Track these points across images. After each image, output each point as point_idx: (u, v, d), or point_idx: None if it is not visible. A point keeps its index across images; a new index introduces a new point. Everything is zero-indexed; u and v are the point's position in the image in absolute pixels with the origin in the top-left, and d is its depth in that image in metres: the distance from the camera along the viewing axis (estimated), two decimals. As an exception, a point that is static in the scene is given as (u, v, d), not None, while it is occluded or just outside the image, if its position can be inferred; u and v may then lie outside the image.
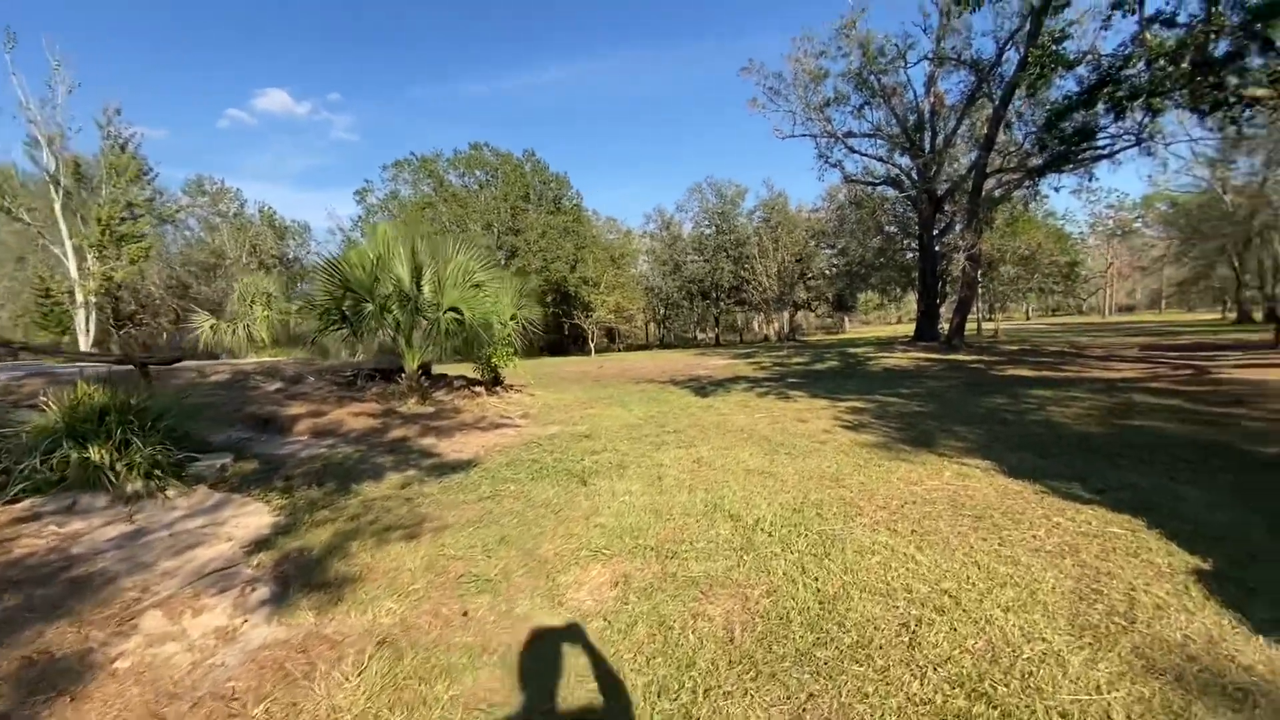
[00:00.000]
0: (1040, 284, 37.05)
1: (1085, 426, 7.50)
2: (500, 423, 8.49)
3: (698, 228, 51.48)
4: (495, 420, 8.62)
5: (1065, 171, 20.59)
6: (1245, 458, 5.54)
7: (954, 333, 22.23)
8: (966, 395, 10.89)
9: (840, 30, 24.19)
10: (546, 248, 36.24)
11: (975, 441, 6.84)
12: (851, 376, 15.57)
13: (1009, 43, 20.38)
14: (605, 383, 16.54)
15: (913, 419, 8.50)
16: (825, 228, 42.73)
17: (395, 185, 38.26)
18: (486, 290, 9.86)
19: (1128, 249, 69.18)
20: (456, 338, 9.02)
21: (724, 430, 7.97)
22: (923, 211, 24.62)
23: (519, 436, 7.69)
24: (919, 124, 25.05)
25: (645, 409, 10.28)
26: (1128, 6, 12.14)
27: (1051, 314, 77.48)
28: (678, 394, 12.63)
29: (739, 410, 9.86)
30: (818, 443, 7.03)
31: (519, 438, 7.62)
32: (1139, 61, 11.26)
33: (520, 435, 7.77)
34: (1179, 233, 41.70)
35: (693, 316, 64.18)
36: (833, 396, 11.29)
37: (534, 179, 40.74)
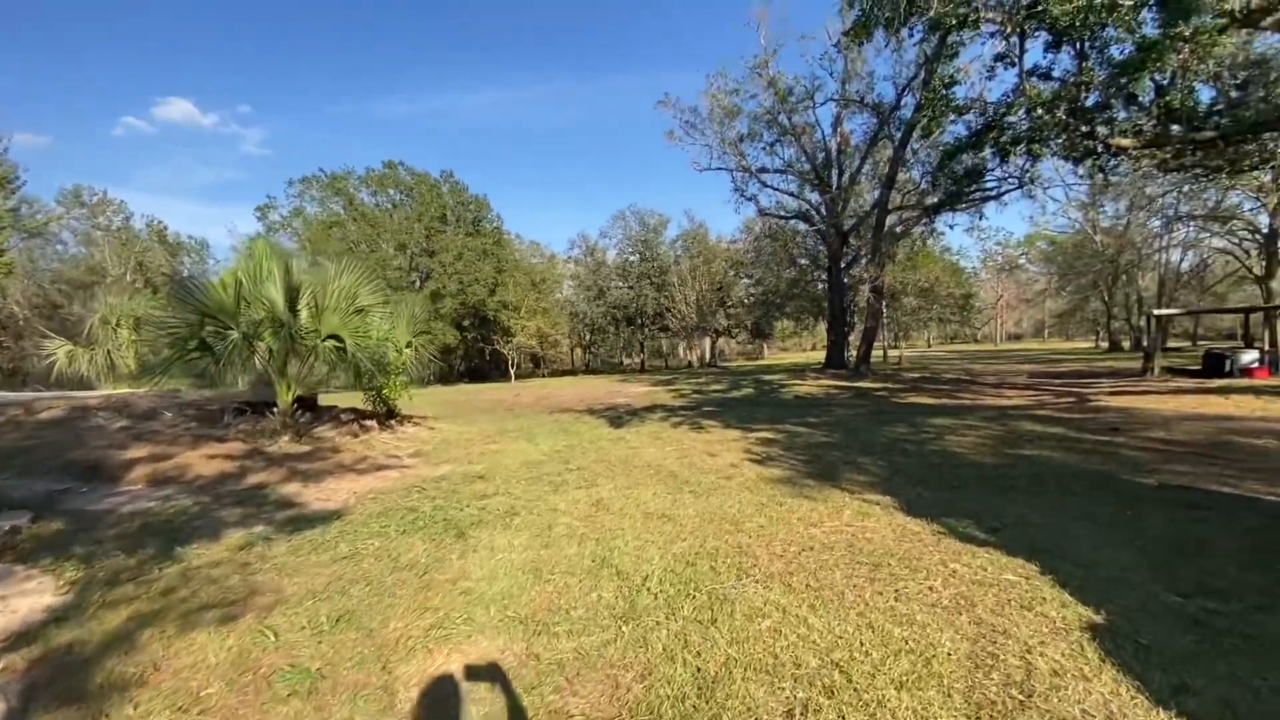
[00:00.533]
0: (939, 314, 39.56)
1: (980, 456, 7.67)
2: (385, 463, 7.70)
3: (622, 254, 51.75)
4: (380, 460, 7.82)
5: (958, 210, 22.09)
6: (1125, 489, 5.72)
7: (860, 360, 23.13)
8: (871, 424, 11.08)
9: (753, 70, 25.15)
10: (463, 270, 35.05)
11: (877, 474, 6.80)
12: (765, 404, 15.67)
13: (906, 89, 21.84)
14: (519, 412, 15.83)
15: (819, 450, 8.44)
16: (743, 258, 43.99)
17: (301, 202, 36.05)
18: (373, 316, 9.07)
19: (1015, 283, 75.82)
20: (337, 368, 8.18)
21: (631, 466, 7.57)
22: (831, 245, 25.69)
23: (402, 479, 6.96)
24: (827, 162, 26.28)
25: (553, 443, 9.74)
26: (1008, 59, 13.13)
27: (950, 342, 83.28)
28: (591, 425, 12.17)
29: (650, 443, 9.52)
30: (724, 478, 6.77)
31: (402, 481, 6.88)
32: (1020, 110, 12.15)
33: (404, 478, 7.03)
34: (1057, 269, 45.94)
35: (618, 342, 64.13)
36: (745, 426, 11.19)
37: (452, 200, 39.59)
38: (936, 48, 13.51)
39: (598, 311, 50.69)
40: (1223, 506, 5.01)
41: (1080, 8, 9.47)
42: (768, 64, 25.11)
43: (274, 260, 8.35)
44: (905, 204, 23.97)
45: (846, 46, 9.73)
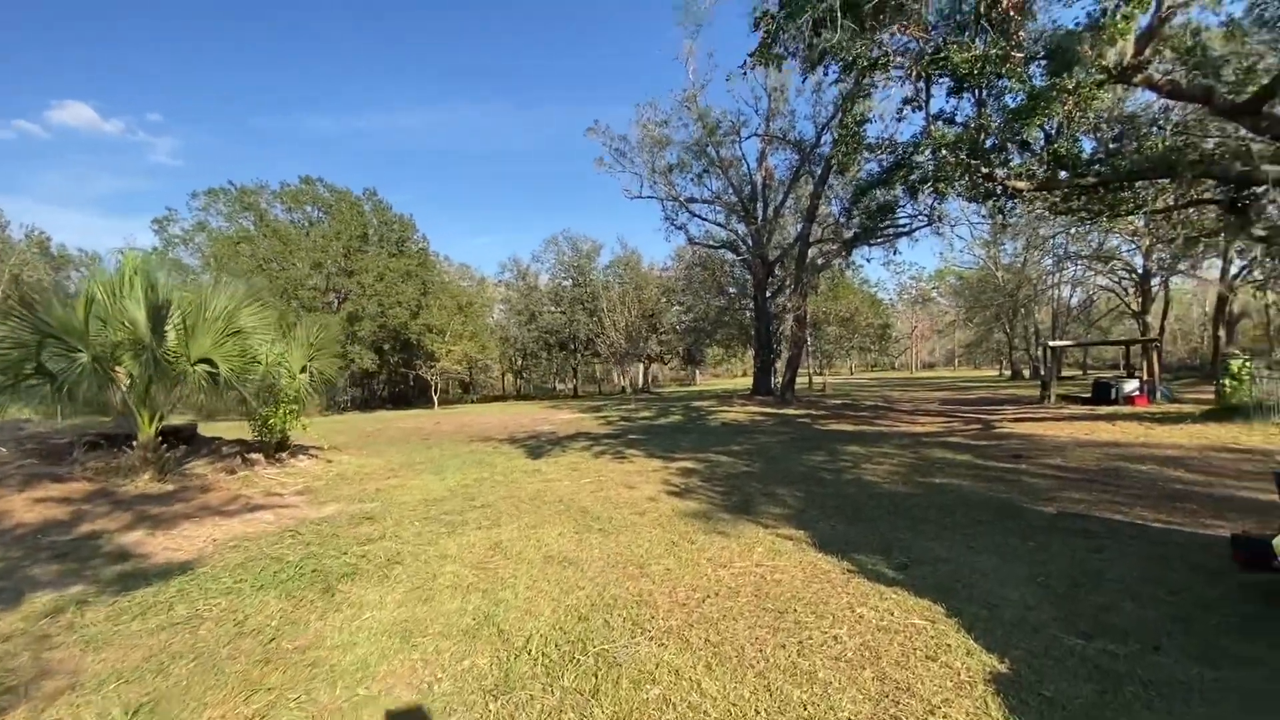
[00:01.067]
0: (859, 343, 41.27)
1: (894, 485, 7.69)
2: (262, 503, 6.88)
3: (555, 279, 51.26)
4: (256, 500, 6.99)
5: (873, 244, 23.12)
6: (1028, 517, 5.78)
7: (785, 387, 23.57)
8: (791, 451, 11.07)
9: (682, 102, 25.68)
10: (384, 292, 33.51)
11: (793, 506, 6.64)
12: (691, 431, 15.53)
13: (825, 128, 22.83)
14: (434, 442, 14.96)
15: (738, 480, 8.26)
16: (675, 285, 44.52)
17: (206, 216, 33.57)
18: (256, 338, 8.23)
19: (927, 314, 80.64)
20: (211, 394, 7.31)
21: (541, 502, 7.09)
22: (757, 274, 26.29)
23: (277, 522, 6.19)
24: (753, 194, 27.02)
25: (461, 476, 9.11)
26: (916, 103, 13.84)
27: (870, 369, 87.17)
28: (508, 455, 11.57)
29: (567, 475, 9.06)
30: (638, 514, 6.42)
31: (276, 524, 6.12)
32: (927, 150, 12.78)
33: (280, 520, 6.27)
34: (965, 302, 49.02)
35: (551, 367, 63.13)
36: (667, 455, 10.92)
37: (375, 219, 38.06)
38: (851, 89, 14.10)
39: (529, 336, 49.78)
40: (1116, 535, 5.11)
41: (977, 57, 10.08)
42: (695, 98, 25.73)
43: (140, 275, 7.43)
44: (826, 237, 24.91)
45: (752, 66, 9.89)
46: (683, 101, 25.72)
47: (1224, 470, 7.71)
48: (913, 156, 13.09)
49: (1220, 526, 5.27)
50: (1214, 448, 9.37)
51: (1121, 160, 12.88)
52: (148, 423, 7.15)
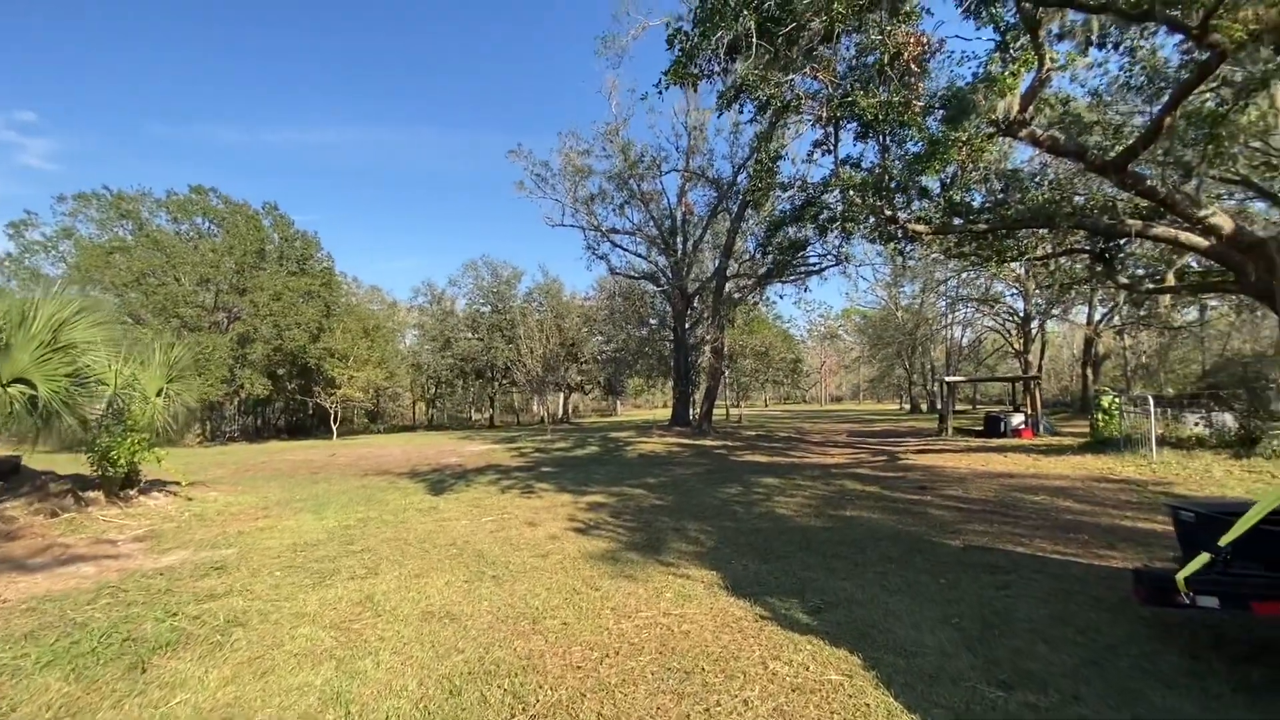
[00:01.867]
0: (773, 376, 42.44)
1: (806, 519, 7.54)
2: (84, 552, 5.73)
3: (472, 304, 49.67)
4: (78, 548, 5.82)
5: (786, 281, 23.91)
6: (937, 552, 5.72)
7: (703, 418, 23.62)
8: (705, 484, 10.83)
9: (605, 134, 25.82)
10: (281, 312, 31.01)
11: (704, 544, 6.30)
12: (607, 463, 15.04)
13: (742, 168, 23.59)
14: (323, 476, 13.61)
15: (649, 515, 7.85)
16: (596, 315, 44.28)
17: (75, 222, 29.91)
18: (92, 355, 7.04)
19: (835, 350, 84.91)
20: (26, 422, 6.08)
21: (432, 545, 6.36)
22: (676, 306, 26.50)
23: (98, 576, 5.13)
24: (673, 228, 27.40)
25: (344, 516, 8.15)
26: (825, 147, 14.45)
27: (784, 402, 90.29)
28: (404, 491, 10.60)
29: (467, 513, 8.32)
30: (539, 556, 5.85)
31: (96, 579, 5.07)
32: (835, 191, 13.30)
33: (102, 573, 5.20)
34: (868, 339, 51.85)
35: (467, 396, 60.70)
36: (579, 489, 10.38)
37: (276, 235, 35.50)
38: (765, 129, 14.54)
39: (443, 363, 47.73)
40: (1019, 568, 5.09)
41: (881, 103, 10.60)
42: (618, 131, 25.97)
43: None
44: (742, 272, 25.55)
45: (667, 86, 9.90)
46: (605, 134, 25.88)
47: (1106, 500, 8.13)
48: (822, 196, 13.59)
49: (1112, 557, 5.40)
50: (1094, 478, 9.98)
51: (1007, 209, 13.92)
52: (-64, 456, 5.85)
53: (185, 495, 8.92)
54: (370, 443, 27.50)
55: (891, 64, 11.00)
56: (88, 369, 7.11)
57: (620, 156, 25.04)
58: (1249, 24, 6.64)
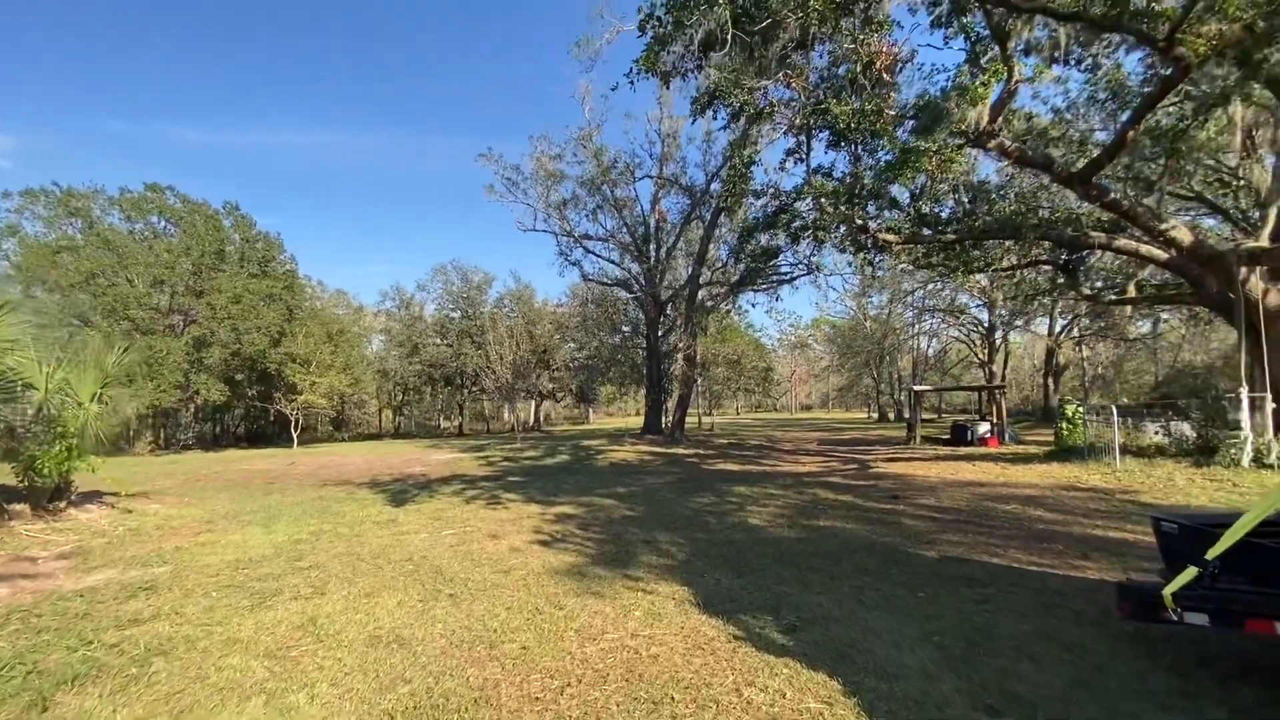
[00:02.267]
0: (744, 385, 42.52)
1: (779, 529, 7.36)
2: (3, 574, 5.21)
3: (442, 310, 48.77)
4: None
5: (758, 289, 24.01)
6: (913, 564, 5.58)
7: (675, 426, 23.45)
8: (677, 493, 10.61)
9: (578, 139, 25.64)
10: (240, 315, 29.89)
11: (675, 556, 6.06)
12: (577, 472, 14.71)
13: (715, 176, 23.62)
14: (278, 487, 13.00)
15: (619, 527, 7.58)
16: (569, 322, 43.89)
17: (20, 220, 28.41)
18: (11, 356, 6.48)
19: (805, 359, 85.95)
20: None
21: (386, 561, 5.99)
22: (649, 313, 26.36)
23: (10, 599, 4.64)
24: (646, 235, 27.30)
25: (295, 529, 7.69)
26: (797, 155, 14.47)
27: (754, 410, 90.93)
28: (362, 503, 10.13)
29: (427, 525, 7.93)
30: (501, 572, 5.53)
31: (8, 600, 4.57)
32: (808, 198, 13.30)
33: (15, 595, 4.71)
34: (837, 349, 52.50)
35: (435, 404, 59.45)
36: (547, 500, 10.05)
37: (237, 236, 34.33)
38: (739, 137, 14.50)
39: (411, 370, 46.69)
40: (997, 580, 4.97)
41: (854, 111, 10.62)
42: (591, 136, 25.82)
43: None
44: (715, 279, 25.55)
45: (639, 74, 9.75)
46: (578, 139, 25.71)
47: (1077, 509, 8.15)
48: (795, 204, 13.58)
49: (1088, 568, 5.33)
50: (1063, 486, 10.05)
51: (975, 220, 14.11)
52: None
53: (123, 508, 8.32)
54: (333, 451, 26.63)
55: (864, 73, 11.04)
56: (10, 371, 6.55)
57: (593, 162, 24.89)
58: (1211, 39, 6.77)
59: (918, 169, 9.78)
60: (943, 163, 11.26)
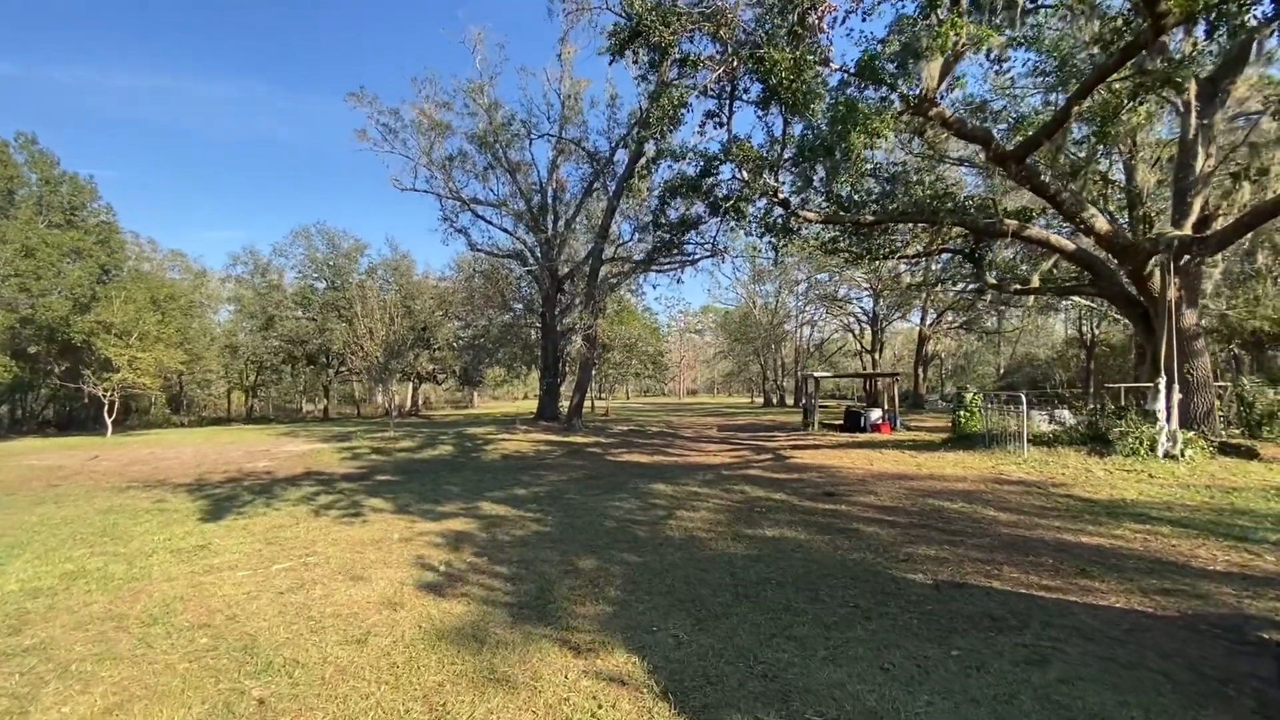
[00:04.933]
0: (636, 369, 41.52)
1: (723, 543, 6.04)
2: None
3: (303, 278, 43.07)
4: None
5: (662, 269, 22.82)
6: (909, 595, 4.44)
7: (573, 412, 21.80)
8: (590, 495, 9.05)
9: (468, 91, 22.86)
10: (31, 273, 23.99)
11: (608, 595, 4.52)
12: (463, 468, 12.66)
13: (620, 144, 21.97)
14: (60, 492, 9.84)
15: (528, 550, 5.89)
16: (452, 298, 40.45)
17: None
18: None
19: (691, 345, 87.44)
20: None
21: (166, 631, 3.90)
22: (545, 289, 24.33)
23: None
24: (543, 204, 25.12)
25: (41, 567, 5.21)
26: (718, 119, 13.25)
27: (644, 394, 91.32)
28: (170, 516, 7.58)
29: (255, 553, 5.76)
30: (354, 642, 3.70)
31: None
32: (731, 163, 12.12)
33: None
34: (729, 335, 53.23)
35: (297, 385, 52.98)
36: (429, 508, 8.07)
37: (35, 175, 27.66)
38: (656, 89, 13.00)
39: (266, 346, 40.87)
40: (1028, 622, 3.92)
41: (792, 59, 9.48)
42: (483, 89, 23.15)
43: None
44: (619, 255, 24.01)
45: (602, 53, 8.12)
46: (468, 90, 22.92)
47: (1025, 507, 7.58)
48: (719, 165, 12.34)
49: (1101, 591, 4.47)
50: (990, 479, 9.67)
51: (892, 203, 13.71)
52: None
53: None
54: (160, 440, 22.05)
55: (802, 21, 9.93)
56: None
57: (485, 116, 22.27)
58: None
59: (870, 130, 8.78)
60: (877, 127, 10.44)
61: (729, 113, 13.22)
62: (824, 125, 9.95)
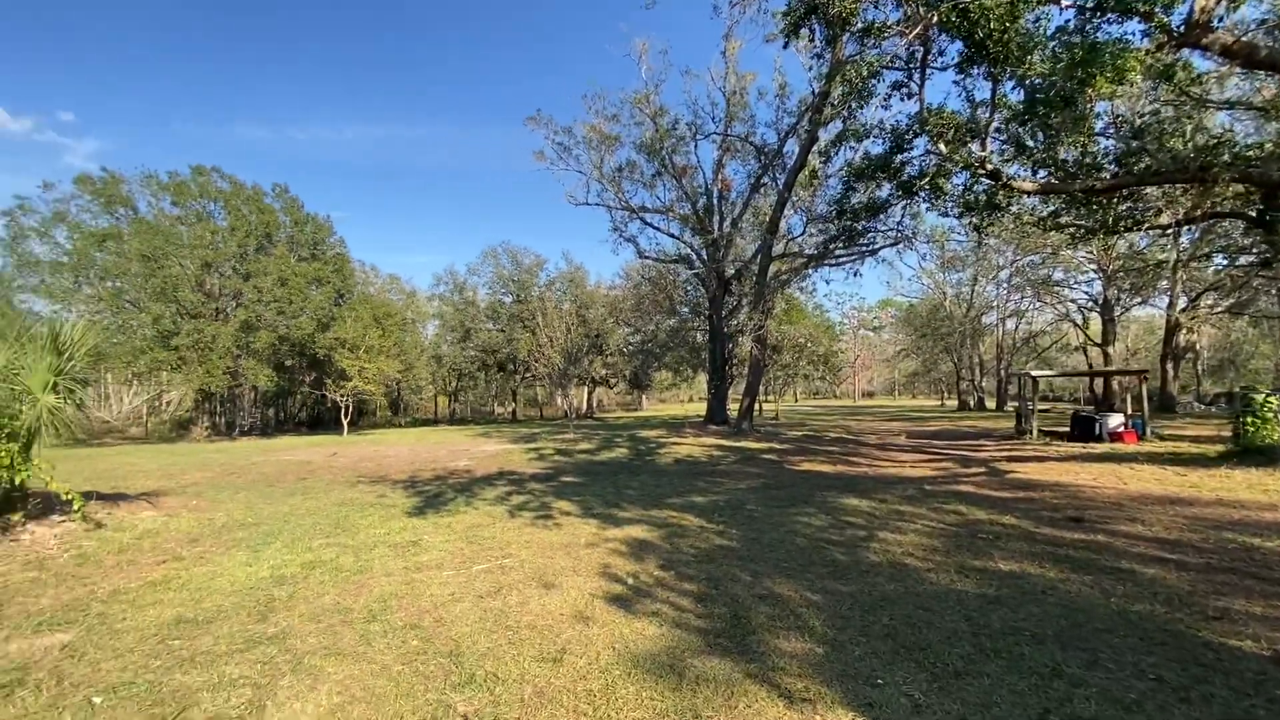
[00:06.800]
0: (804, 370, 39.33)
1: (946, 576, 5.06)
2: None
3: (493, 294, 47.71)
4: None
5: (839, 263, 21.22)
6: (1243, 672, 3.21)
7: (743, 416, 21.10)
8: (772, 506, 8.38)
9: (634, 101, 23.39)
10: (286, 298, 29.26)
11: (816, 631, 3.89)
12: (639, 471, 12.68)
13: (790, 134, 20.90)
14: (306, 485, 11.52)
15: (715, 567, 5.45)
16: (622, 305, 41.97)
17: (70, 207, 28.27)
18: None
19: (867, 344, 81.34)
20: None
21: (382, 630, 4.07)
22: (712, 292, 23.98)
23: None
24: (708, 206, 24.86)
25: (287, 556, 5.92)
26: (906, 90, 11.80)
27: (814, 397, 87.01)
28: (387, 511, 8.39)
29: (456, 552, 6.03)
30: (550, 661, 3.52)
31: None
32: (926, 135, 10.65)
33: None
34: (914, 331, 48.47)
35: (489, 390, 58.88)
36: (609, 513, 8.03)
37: (287, 219, 33.87)
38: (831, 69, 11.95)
39: (464, 355, 45.89)
40: None
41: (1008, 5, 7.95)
42: (649, 98, 23.51)
43: None
44: (790, 251, 22.87)
45: (772, 38, 7.63)
46: (634, 101, 23.46)
47: (1398, 553, 5.46)
48: (911, 140, 10.93)
49: None
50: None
51: (1141, 162, 11.15)
52: None
53: (97, 519, 6.77)
54: (381, 440, 25.59)
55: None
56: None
57: (651, 124, 22.57)
58: None
59: (1117, 71, 7.05)
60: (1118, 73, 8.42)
61: (920, 81, 11.71)
62: (1052, 76, 8.23)
